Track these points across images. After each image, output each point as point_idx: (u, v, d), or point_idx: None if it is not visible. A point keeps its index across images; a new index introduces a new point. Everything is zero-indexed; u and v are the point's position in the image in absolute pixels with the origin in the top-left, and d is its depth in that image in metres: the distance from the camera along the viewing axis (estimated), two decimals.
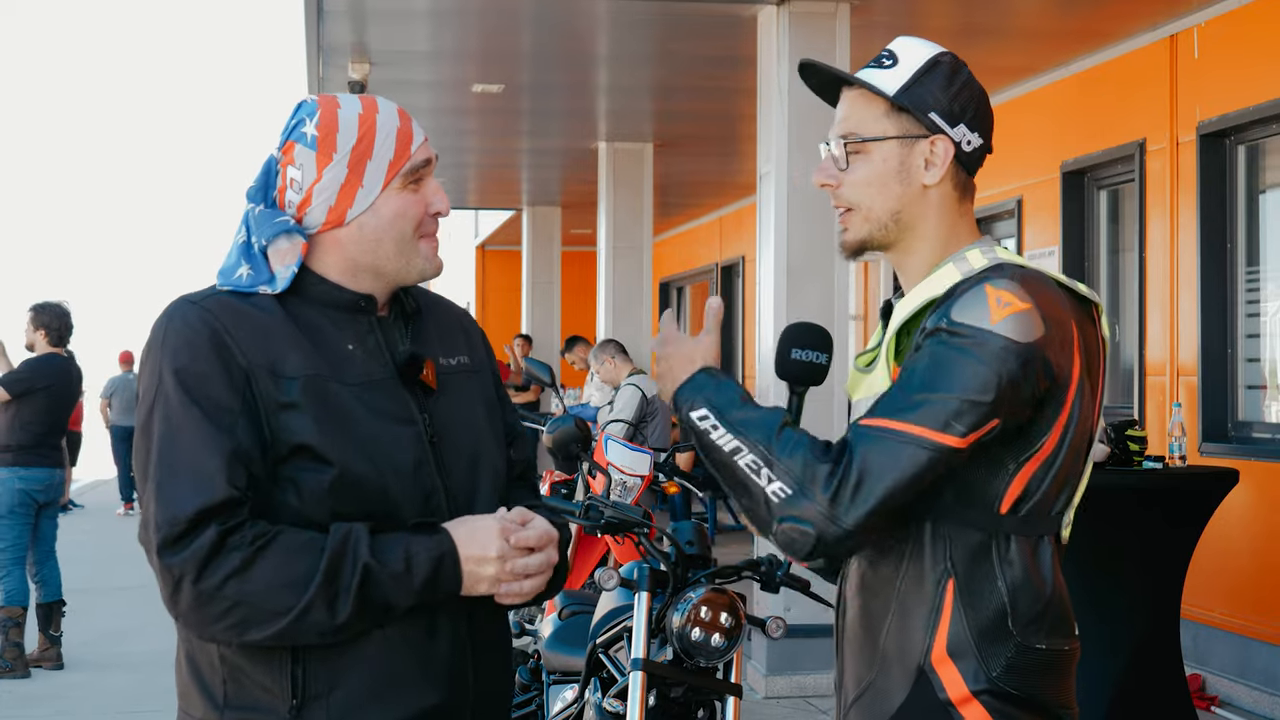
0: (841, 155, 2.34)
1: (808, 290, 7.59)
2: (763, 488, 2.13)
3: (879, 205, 2.32)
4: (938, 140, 2.30)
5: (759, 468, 2.14)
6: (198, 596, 2.14)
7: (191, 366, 2.20)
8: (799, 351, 2.35)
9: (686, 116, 11.94)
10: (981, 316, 2.14)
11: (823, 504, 2.10)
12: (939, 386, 2.12)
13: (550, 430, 6.05)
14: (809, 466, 2.11)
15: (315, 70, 10.22)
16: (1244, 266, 8.09)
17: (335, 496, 2.21)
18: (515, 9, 8.92)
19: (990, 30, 8.86)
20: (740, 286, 17.72)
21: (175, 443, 2.18)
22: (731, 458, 2.16)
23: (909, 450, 2.11)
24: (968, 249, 2.32)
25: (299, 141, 2.31)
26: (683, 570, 4.14)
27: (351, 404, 2.25)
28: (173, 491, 2.16)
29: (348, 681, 2.22)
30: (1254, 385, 8.09)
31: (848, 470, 2.10)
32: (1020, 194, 10.22)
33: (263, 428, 2.20)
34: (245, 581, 2.13)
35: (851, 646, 2.34)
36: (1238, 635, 7.70)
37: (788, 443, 2.14)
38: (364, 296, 2.34)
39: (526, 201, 18.08)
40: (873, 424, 2.14)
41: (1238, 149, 8.12)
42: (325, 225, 2.32)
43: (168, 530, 2.14)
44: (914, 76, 2.31)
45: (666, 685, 4.03)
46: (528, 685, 5.63)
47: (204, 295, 2.30)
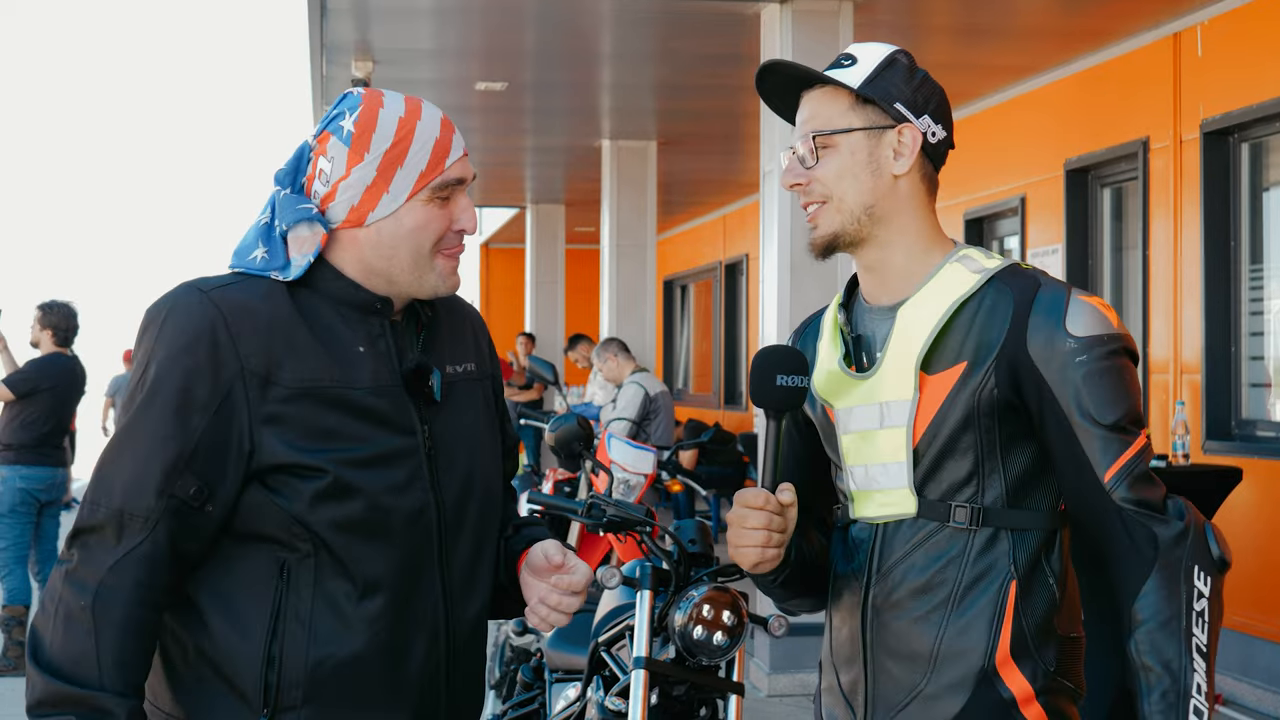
0: (809, 152, 2.31)
1: (810, 288, 7.60)
2: (1209, 598, 2.20)
3: (851, 197, 2.30)
4: (905, 129, 2.31)
5: (1198, 619, 2.20)
6: (54, 578, 2.16)
7: (179, 359, 2.15)
8: (783, 377, 2.30)
9: (690, 114, 11.94)
10: (1102, 323, 2.23)
11: (1190, 532, 2.20)
12: (1120, 400, 2.21)
13: (553, 429, 6.06)
14: (1167, 557, 2.19)
15: (318, 68, 10.22)
16: (1248, 264, 8.08)
17: (322, 504, 2.17)
18: (518, 7, 8.92)
19: (993, 29, 8.85)
20: (744, 284, 17.71)
21: (134, 433, 2.17)
22: (1209, 640, 2.22)
23: (1148, 455, 2.25)
24: (962, 249, 2.34)
25: (335, 134, 2.24)
26: (685, 568, 4.13)
27: (350, 410, 2.20)
28: (109, 478, 2.16)
29: (322, 695, 2.19)
30: (1258, 383, 8.09)
31: (1155, 510, 2.20)
32: (1024, 192, 10.22)
33: (240, 435, 2.15)
34: (67, 624, 2.12)
35: (888, 655, 2.31)
36: (1241, 634, 7.70)
37: (1157, 598, 2.20)
38: (380, 298, 2.27)
39: (530, 199, 18.07)
40: (1118, 466, 2.20)
41: (1241, 147, 8.11)
42: (345, 223, 2.25)
43: (89, 512, 2.16)
44: (875, 71, 2.32)
45: (669, 683, 4.03)
46: (530, 684, 5.63)
47: (214, 284, 2.22)
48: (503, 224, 20.66)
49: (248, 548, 2.20)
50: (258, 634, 2.18)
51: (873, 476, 2.32)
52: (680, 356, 21.54)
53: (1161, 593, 2.17)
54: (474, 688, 2.39)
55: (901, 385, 2.27)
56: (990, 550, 2.24)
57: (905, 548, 2.28)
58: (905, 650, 2.28)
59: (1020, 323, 2.22)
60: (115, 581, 2.12)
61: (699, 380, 20.46)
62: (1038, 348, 2.20)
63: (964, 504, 2.25)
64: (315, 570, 2.19)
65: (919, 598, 2.27)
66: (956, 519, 2.25)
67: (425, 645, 2.26)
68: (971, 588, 2.24)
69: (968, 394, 2.23)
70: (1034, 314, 2.22)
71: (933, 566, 2.26)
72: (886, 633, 2.31)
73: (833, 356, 2.38)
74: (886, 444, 2.29)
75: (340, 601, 2.19)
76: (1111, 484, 2.18)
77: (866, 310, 2.38)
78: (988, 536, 2.24)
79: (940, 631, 2.25)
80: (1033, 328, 2.21)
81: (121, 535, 2.13)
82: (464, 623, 2.32)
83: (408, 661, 2.24)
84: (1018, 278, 2.27)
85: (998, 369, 2.22)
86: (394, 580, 2.22)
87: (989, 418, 2.23)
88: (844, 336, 2.38)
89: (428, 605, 2.27)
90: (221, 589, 2.20)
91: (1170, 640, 2.17)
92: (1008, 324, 2.22)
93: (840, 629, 2.40)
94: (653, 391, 10.24)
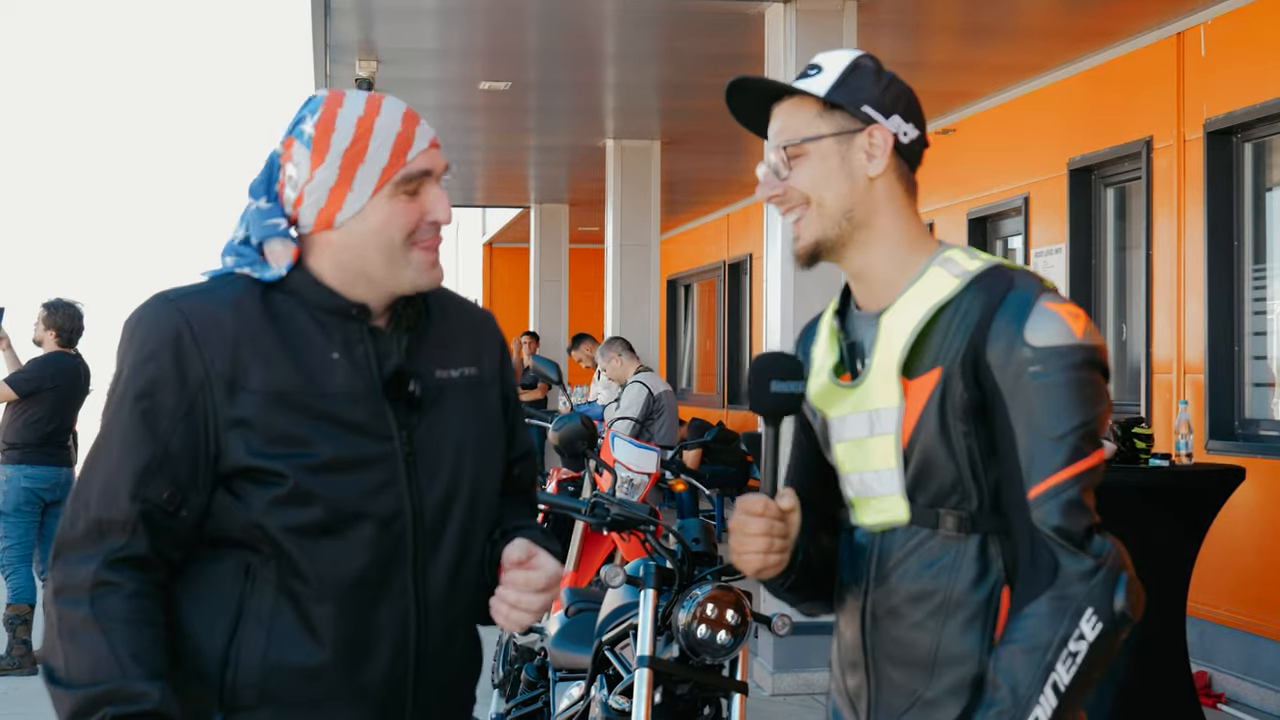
0: (781, 163, 2.31)
1: (814, 288, 7.60)
2: (1090, 643, 2.11)
3: (830, 202, 2.28)
4: (875, 130, 2.28)
5: (1069, 657, 2.11)
6: (48, 600, 2.18)
7: (145, 368, 2.18)
8: (779, 384, 2.29)
9: (694, 114, 11.93)
10: (1063, 333, 2.17)
11: (1098, 574, 2.12)
12: (1072, 414, 2.15)
13: (556, 428, 6.06)
14: (1062, 588, 2.12)
15: (322, 68, 10.22)
16: (1251, 264, 8.08)
17: (280, 509, 2.17)
18: (522, 6, 8.92)
19: (997, 28, 8.85)
20: (748, 284, 17.71)
21: (106, 443, 2.21)
22: (1073, 682, 2.12)
23: (1090, 480, 2.17)
24: (945, 250, 2.31)
25: (297, 138, 2.25)
26: (689, 567, 4.14)
27: (318, 418, 2.19)
28: (85, 489, 2.19)
29: (277, 697, 2.19)
30: (1261, 383, 8.09)
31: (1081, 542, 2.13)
32: (1027, 191, 10.22)
33: (208, 440, 2.17)
34: (73, 636, 2.14)
35: (889, 661, 2.30)
36: (1244, 632, 7.70)
37: (1034, 623, 2.13)
38: (356, 305, 2.26)
39: (534, 199, 18.07)
40: (1047, 486, 2.14)
41: (1244, 146, 8.11)
42: (315, 227, 2.25)
43: (69, 526, 2.18)
44: (840, 76, 2.30)
45: (672, 682, 4.04)
46: (534, 683, 5.64)
47: (182, 293, 2.25)
48: (506, 223, 20.66)
49: (218, 550, 2.22)
50: (219, 632, 2.20)
51: (868, 484, 2.32)
52: (684, 356, 21.54)
53: (1039, 620, 2.11)
54: (448, 698, 2.36)
55: (887, 393, 2.26)
56: (981, 556, 2.22)
57: (900, 554, 2.27)
58: (904, 657, 2.28)
59: (984, 326, 2.19)
60: (106, 580, 2.14)
61: (703, 380, 20.46)
62: (996, 354, 2.18)
63: (952, 511, 2.23)
64: (277, 574, 2.19)
65: (915, 604, 2.25)
66: (945, 526, 2.24)
67: (390, 653, 2.24)
68: (965, 593, 2.22)
69: (942, 399, 2.22)
70: (997, 318, 2.19)
71: (926, 573, 2.25)
72: (886, 639, 2.30)
73: (826, 365, 2.37)
74: (877, 451, 2.28)
75: (301, 606, 2.19)
76: (1034, 502, 2.14)
77: (858, 316, 2.37)
78: (978, 542, 2.22)
79: (937, 638, 2.24)
80: (994, 333, 2.18)
81: (102, 542, 2.16)
82: (438, 631, 2.29)
83: (369, 668, 2.23)
84: (994, 279, 2.23)
85: (963, 372, 2.20)
86: (357, 586, 2.21)
87: (965, 422, 2.21)
88: (839, 343, 2.37)
89: (395, 612, 2.24)
90: (193, 588, 2.22)
91: (1028, 666, 2.10)
92: (973, 326, 2.20)
93: (844, 633, 2.40)
94: (656, 391, 10.24)
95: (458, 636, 2.35)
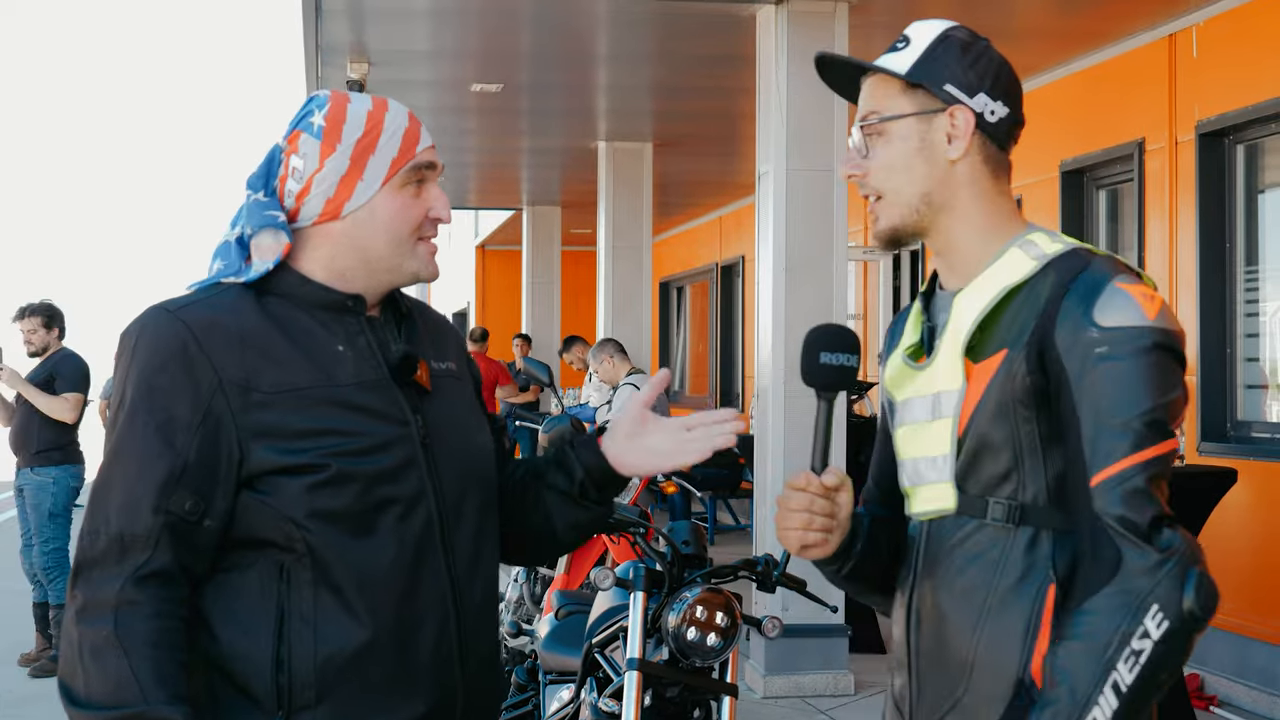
0: (862, 142, 2.25)
1: (806, 290, 7.58)
2: (1156, 642, 1.97)
3: (906, 188, 2.21)
4: (957, 111, 2.19)
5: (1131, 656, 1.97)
6: (69, 621, 2.14)
7: (155, 380, 2.17)
8: (829, 355, 2.23)
9: (686, 116, 11.93)
10: (1134, 314, 2.06)
11: (1165, 567, 1.99)
12: (1139, 399, 2.03)
13: (546, 430, 6.06)
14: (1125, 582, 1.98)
15: (314, 70, 10.21)
16: (1243, 266, 8.08)
17: (315, 498, 2.18)
18: (514, 8, 8.91)
19: (989, 30, 8.68)
20: (740, 286, 17.71)
21: (120, 458, 2.18)
22: (1136, 684, 1.98)
23: (1159, 469, 2.04)
24: (1028, 233, 2.21)
25: (305, 131, 2.29)
26: (678, 570, 4.13)
27: (337, 407, 2.21)
28: (103, 506, 2.16)
29: (335, 691, 2.19)
30: (1253, 385, 8.09)
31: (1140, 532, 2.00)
32: (1019, 194, 10.17)
33: (228, 446, 2.16)
34: (96, 657, 2.10)
35: (930, 662, 2.22)
36: (1236, 635, 7.69)
37: (1094, 619, 1.99)
38: (351, 296, 2.30)
39: (526, 201, 18.07)
40: (1111, 472, 2.02)
41: (1236, 148, 8.11)
42: (321, 217, 2.28)
43: (89, 543, 2.15)
44: (925, 52, 2.22)
45: (662, 685, 4.03)
46: (524, 685, 5.63)
47: (180, 304, 2.25)
48: (499, 225, 20.66)
49: (246, 554, 2.20)
50: (264, 638, 2.18)
51: (920, 471, 2.24)
52: (676, 358, 21.53)
53: (1101, 616, 1.98)
54: (490, 669, 2.40)
55: (951, 375, 2.18)
56: (1030, 552, 2.11)
57: (946, 547, 2.19)
58: (944, 657, 2.19)
59: (1054, 305, 2.09)
60: (130, 599, 2.11)
61: (695, 382, 20.45)
62: (1064, 334, 2.07)
63: (1002, 500, 2.13)
64: (314, 569, 2.18)
65: (957, 601, 2.17)
66: (994, 516, 2.13)
67: (435, 630, 2.26)
68: (1009, 592, 2.12)
69: (1004, 381, 2.12)
70: (1067, 297, 2.08)
71: (971, 567, 2.16)
72: (928, 639, 2.22)
73: (904, 346, 2.31)
74: (935, 436, 2.20)
75: (343, 596, 2.19)
76: (1097, 490, 2.02)
77: (941, 297, 2.29)
78: (1028, 537, 2.12)
79: (976, 638, 2.14)
80: (1063, 312, 2.08)
81: (124, 558, 2.13)
82: (472, 604, 2.32)
83: (418, 648, 2.25)
84: (1070, 260, 2.13)
85: (1028, 355, 2.10)
86: (396, 569, 2.23)
87: (1026, 407, 2.11)
88: (922, 325, 2.30)
89: (434, 590, 2.27)
90: (225, 597, 2.20)
91: (1088, 664, 1.97)
92: (1042, 307, 2.10)
93: (895, 632, 2.32)
94: None
95: (487, 609, 2.38)
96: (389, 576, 2.22)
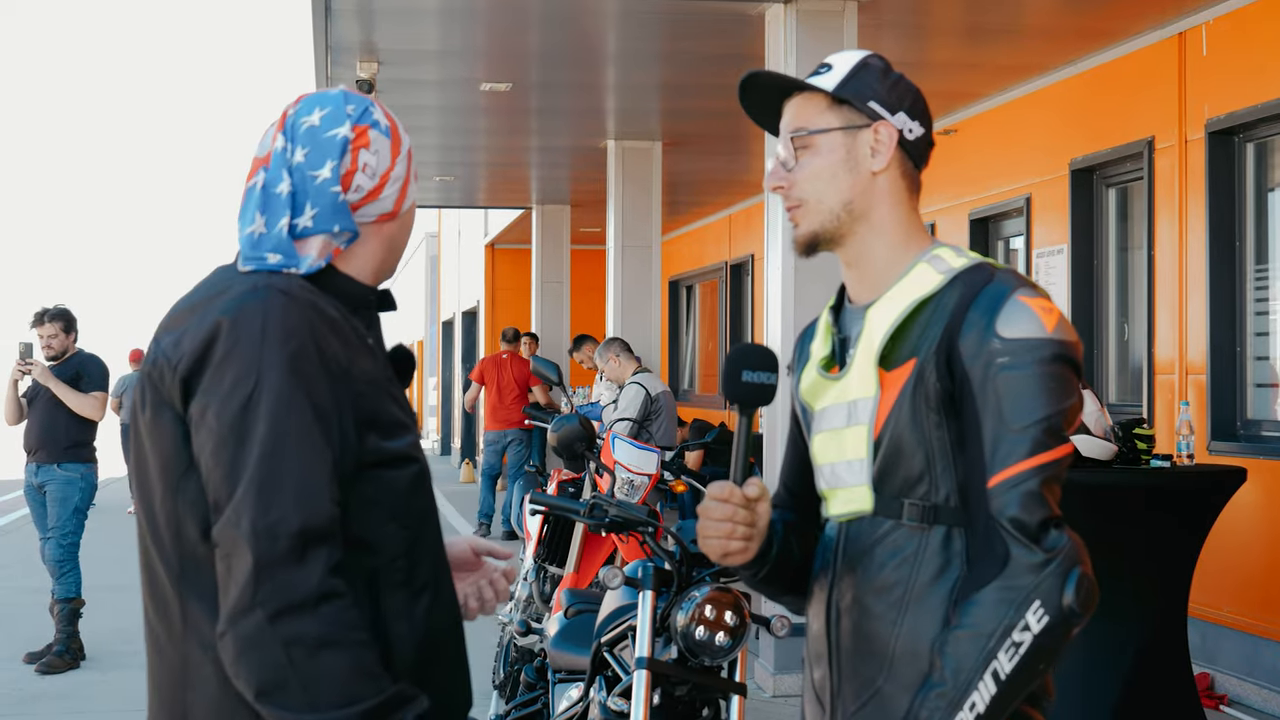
0: (790, 155, 2.38)
1: (815, 289, 7.60)
2: (1035, 635, 2.13)
3: (830, 196, 2.35)
4: (880, 127, 2.34)
5: (1012, 647, 2.13)
6: (259, 631, 2.01)
7: (299, 365, 2.07)
8: (750, 374, 2.33)
9: (695, 115, 11.93)
10: (1034, 326, 2.19)
11: (1049, 567, 2.13)
12: (1038, 406, 2.17)
13: (555, 429, 6.06)
14: (1011, 578, 2.13)
15: (323, 69, 10.22)
16: (1253, 264, 8.07)
17: (412, 492, 2.20)
18: (523, 7, 8.92)
19: (999, 29, 8.84)
20: (750, 285, 17.70)
21: (281, 451, 2.04)
22: (1014, 672, 2.13)
23: (1053, 473, 2.18)
24: (935, 248, 2.35)
25: (374, 127, 2.27)
26: (687, 568, 4.13)
27: (395, 401, 2.24)
28: (275, 498, 2.02)
29: (427, 683, 2.21)
30: (1263, 383, 8.07)
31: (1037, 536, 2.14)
32: (1029, 192, 10.21)
33: (349, 434, 2.12)
34: (311, 657, 2.01)
35: (851, 653, 2.33)
36: (1246, 634, 7.69)
37: (980, 610, 2.14)
38: (379, 292, 2.35)
39: (535, 200, 18.06)
40: (1007, 475, 2.16)
41: (1246, 147, 8.10)
42: (384, 216, 2.30)
43: (268, 544, 2.01)
44: (849, 73, 2.37)
45: (671, 684, 4.03)
46: (533, 684, 5.63)
47: (289, 286, 2.15)
48: (508, 224, 20.66)
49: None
50: None
51: (838, 474, 2.35)
52: (686, 357, 21.53)
53: (986, 608, 2.13)
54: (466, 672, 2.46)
55: (865, 383, 2.30)
56: (944, 549, 2.24)
57: (864, 545, 2.31)
58: (865, 649, 2.30)
59: (959, 316, 2.23)
60: (330, 593, 2.03)
61: (704, 381, 20.45)
62: (968, 343, 2.21)
63: (916, 501, 2.26)
64: (405, 570, 2.20)
65: (876, 596, 2.28)
66: (909, 517, 2.26)
67: (455, 606, 2.33)
68: (926, 587, 2.24)
69: (915, 389, 2.25)
70: (972, 309, 2.22)
71: (889, 564, 2.28)
72: (849, 631, 2.33)
73: (817, 358, 2.43)
74: (850, 441, 2.32)
75: (431, 586, 2.24)
76: (994, 490, 2.17)
77: (850, 311, 2.42)
78: (941, 535, 2.25)
79: (896, 630, 2.26)
80: (967, 322, 2.22)
81: (312, 553, 2.03)
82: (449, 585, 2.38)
83: (457, 639, 2.33)
84: (974, 274, 2.28)
85: (937, 362, 2.23)
86: (442, 558, 2.30)
87: (935, 413, 2.24)
88: (832, 337, 2.42)
89: (447, 575, 2.32)
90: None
91: (970, 651, 2.13)
92: (948, 317, 2.24)
93: (812, 626, 2.43)
94: (654, 391, 10.23)
95: None
96: (442, 564, 2.30)
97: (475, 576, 2.52)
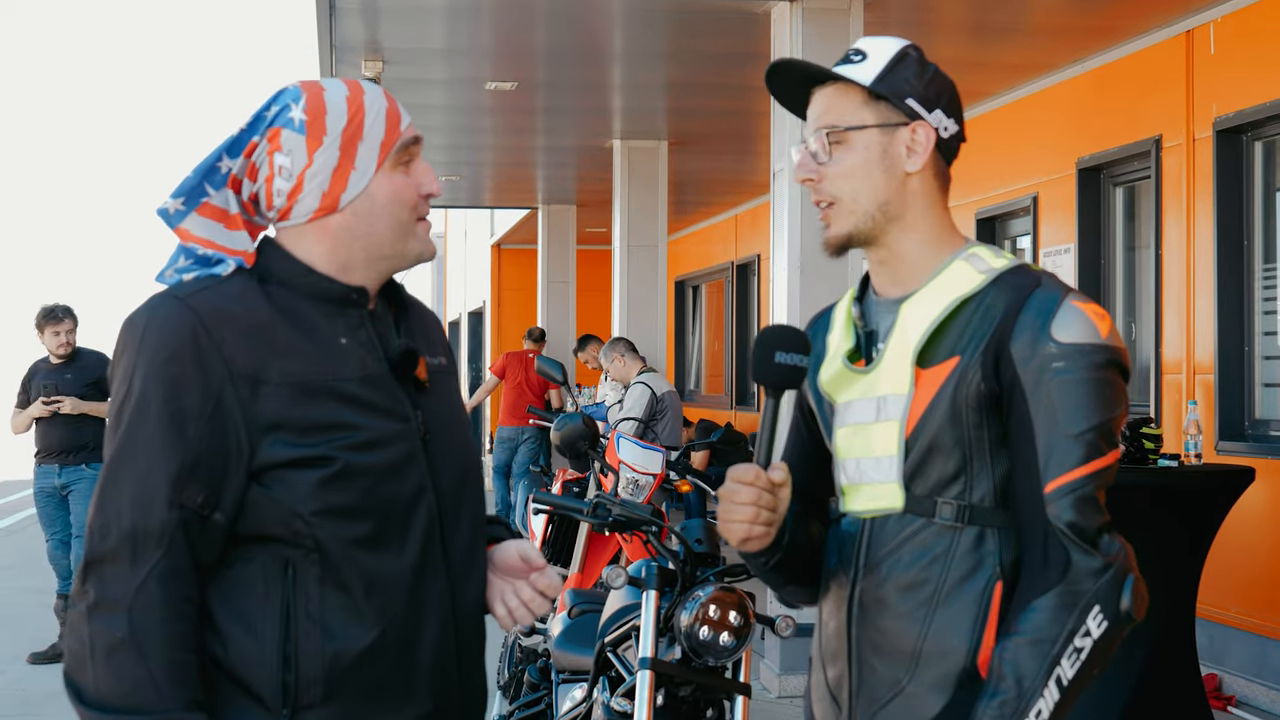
0: (822, 148, 2.30)
1: (820, 288, 7.58)
2: (1095, 640, 2.14)
3: (864, 196, 2.29)
4: (919, 126, 2.29)
5: (1074, 653, 2.13)
6: (77, 618, 2.09)
7: (166, 369, 2.11)
8: (783, 355, 2.27)
9: (701, 114, 11.91)
10: (1089, 331, 2.19)
11: (1108, 573, 2.15)
12: (1093, 412, 2.17)
13: (558, 428, 6.04)
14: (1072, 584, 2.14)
15: (328, 68, 10.21)
16: (1261, 263, 8.05)
17: (324, 493, 2.15)
18: (529, 6, 8.90)
19: (1005, 27, 8.82)
20: (755, 285, 17.69)
21: (131, 450, 2.12)
22: (1075, 678, 2.14)
23: (1105, 479, 2.19)
24: (972, 246, 2.32)
25: (285, 127, 2.22)
26: (691, 568, 4.11)
27: (344, 401, 2.18)
28: (113, 501, 2.11)
29: (341, 690, 2.17)
30: (1271, 383, 8.05)
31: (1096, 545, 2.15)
32: (1036, 191, 10.18)
33: (238, 439, 2.12)
34: (109, 656, 2.06)
35: (873, 651, 2.30)
36: (1254, 634, 7.66)
37: (1042, 616, 2.14)
38: (355, 289, 2.26)
39: (542, 200, 18.06)
40: (1063, 481, 2.16)
41: (1254, 145, 8.07)
42: (317, 212, 2.23)
43: (99, 540, 2.10)
44: (887, 66, 2.29)
45: (675, 684, 4.01)
46: (537, 684, 5.62)
47: (188, 291, 2.19)
48: (514, 224, 20.66)
49: (252, 549, 2.17)
50: (270, 635, 2.15)
51: (864, 470, 2.32)
52: (692, 357, 21.52)
53: (1048, 614, 2.12)
54: (480, 670, 2.39)
55: (898, 379, 2.26)
56: (977, 549, 2.22)
57: (892, 543, 2.28)
58: (889, 647, 2.27)
59: (1010, 319, 2.20)
60: (145, 602, 2.07)
61: (711, 381, 20.44)
62: (1020, 346, 2.19)
63: (950, 501, 2.23)
64: (321, 565, 2.16)
65: (904, 594, 2.25)
66: (942, 515, 2.24)
67: (436, 630, 2.25)
68: (957, 586, 2.22)
69: (956, 389, 2.22)
70: (1024, 312, 2.20)
71: (918, 563, 2.25)
72: (871, 629, 2.30)
73: (840, 350, 2.38)
74: (879, 438, 2.29)
75: (350, 594, 2.17)
76: (1050, 496, 2.16)
77: (877, 303, 2.37)
78: (974, 535, 2.22)
79: (924, 629, 2.24)
80: (1019, 325, 2.20)
81: (137, 556, 2.08)
82: (468, 605, 2.31)
83: (420, 648, 2.23)
84: (1020, 276, 2.25)
85: (983, 363, 2.21)
86: (401, 568, 2.21)
87: (976, 413, 2.21)
88: (857, 330, 2.37)
89: (435, 590, 2.25)
90: (229, 594, 2.17)
91: (1034, 659, 2.12)
92: (998, 320, 2.21)
93: (828, 624, 2.40)
94: (659, 391, 10.22)
95: (481, 609, 2.38)
96: (395, 575, 2.20)
97: (513, 586, 2.43)
